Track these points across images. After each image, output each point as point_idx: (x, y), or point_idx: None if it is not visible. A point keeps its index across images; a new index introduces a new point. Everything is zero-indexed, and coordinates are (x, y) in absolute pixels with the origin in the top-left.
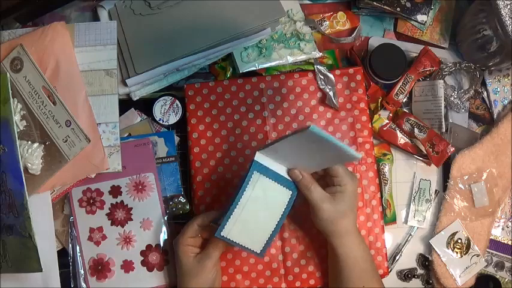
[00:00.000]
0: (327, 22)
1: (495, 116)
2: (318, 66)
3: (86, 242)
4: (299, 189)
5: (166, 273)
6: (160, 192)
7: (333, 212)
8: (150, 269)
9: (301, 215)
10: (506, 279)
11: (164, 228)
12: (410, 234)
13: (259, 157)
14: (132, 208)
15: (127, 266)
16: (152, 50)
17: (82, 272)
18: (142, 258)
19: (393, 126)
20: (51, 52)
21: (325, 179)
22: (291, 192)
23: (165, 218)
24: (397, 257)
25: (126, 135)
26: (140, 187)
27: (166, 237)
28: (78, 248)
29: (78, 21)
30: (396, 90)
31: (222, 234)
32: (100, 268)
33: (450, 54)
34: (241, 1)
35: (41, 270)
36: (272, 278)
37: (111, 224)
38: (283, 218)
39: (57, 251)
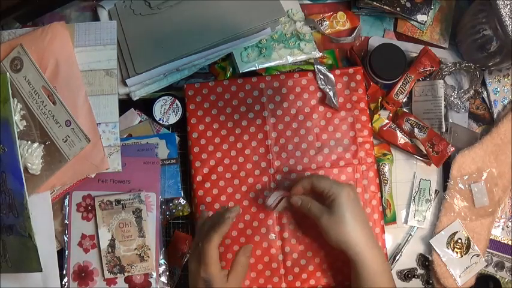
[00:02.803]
0: (327, 22)
1: (495, 116)
2: (318, 66)
3: (75, 246)
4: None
5: None
6: (159, 214)
7: (333, 222)
8: (132, 287)
9: (301, 216)
10: (506, 279)
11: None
12: (410, 234)
13: None
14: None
15: (110, 280)
16: (152, 50)
17: (65, 274)
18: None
19: (393, 126)
20: (51, 52)
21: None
22: None
23: (160, 240)
24: (397, 257)
25: (126, 135)
26: None
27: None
28: (66, 251)
29: (78, 21)
30: (396, 90)
31: None
32: (83, 275)
33: (450, 54)
34: (241, 1)
35: (41, 270)
36: (272, 278)
37: None
38: None
39: (57, 251)
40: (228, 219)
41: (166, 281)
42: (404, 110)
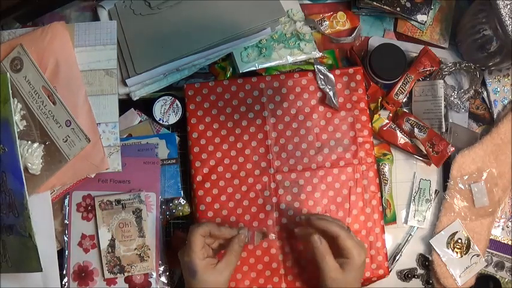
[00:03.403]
0: (327, 22)
1: (495, 116)
2: (318, 66)
3: (75, 246)
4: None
5: None
6: (159, 214)
7: (341, 284)
8: (132, 287)
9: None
10: (506, 279)
11: (154, 252)
12: (410, 234)
13: None
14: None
15: (110, 280)
16: (152, 50)
17: (65, 274)
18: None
19: (393, 126)
20: (51, 52)
21: (334, 246)
22: None
23: (160, 240)
24: (397, 257)
25: (126, 135)
26: None
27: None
28: (66, 251)
29: (78, 21)
30: (396, 90)
31: None
32: (83, 275)
33: (450, 54)
34: (241, 1)
35: (41, 270)
36: (272, 278)
37: None
38: None
39: (57, 251)
40: (227, 228)
41: (166, 281)
42: (404, 110)
